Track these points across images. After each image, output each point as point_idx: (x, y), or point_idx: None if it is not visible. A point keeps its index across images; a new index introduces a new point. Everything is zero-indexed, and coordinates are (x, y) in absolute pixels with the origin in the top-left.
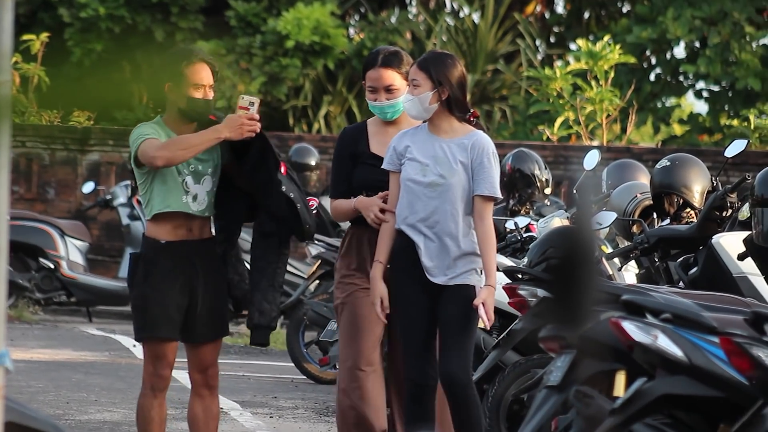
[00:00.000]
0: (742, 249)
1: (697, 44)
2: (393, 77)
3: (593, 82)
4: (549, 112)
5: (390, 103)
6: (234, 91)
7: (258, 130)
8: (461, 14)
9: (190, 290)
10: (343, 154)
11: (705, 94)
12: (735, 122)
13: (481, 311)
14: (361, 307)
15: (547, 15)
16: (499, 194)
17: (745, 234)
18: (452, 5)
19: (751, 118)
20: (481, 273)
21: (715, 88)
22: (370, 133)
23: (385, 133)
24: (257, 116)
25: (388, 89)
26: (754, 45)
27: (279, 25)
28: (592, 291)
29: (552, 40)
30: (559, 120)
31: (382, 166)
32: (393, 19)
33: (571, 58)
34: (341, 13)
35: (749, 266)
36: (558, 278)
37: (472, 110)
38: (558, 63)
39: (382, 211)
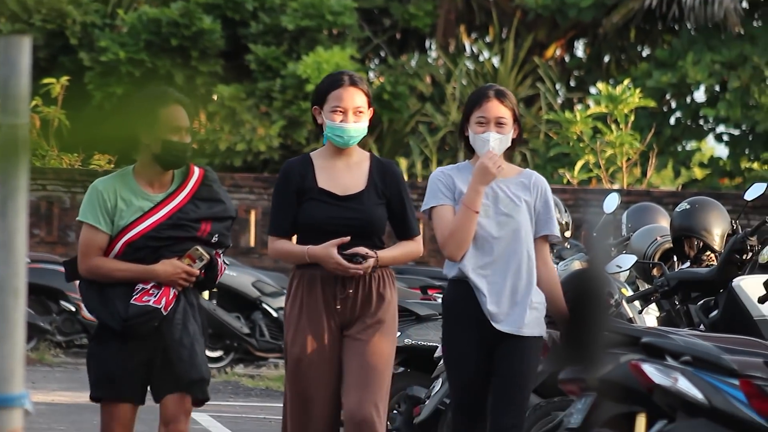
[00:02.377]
0: (763, 292)
1: (717, 88)
2: (362, 99)
3: (613, 126)
4: (569, 155)
5: (356, 127)
6: (254, 135)
7: (189, 284)
8: (481, 58)
9: (151, 347)
10: (289, 189)
11: (725, 137)
12: (755, 165)
13: None
14: (312, 377)
15: (566, 59)
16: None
17: (765, 277)
18: (472, 49)
19: None
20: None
21: (735, 132)
22: (317, 167)
23: (332, 167)
24: (197, 273)
25: (357, 111)
26: None
27: (299, 69)
28: (602, 332)
29: (572, 83)
30: (579, 163)
31: (430, 205)
32: (413, 63)
33: (591, 102)
34: (361, 57)
35: None
36: (569, 320)
37: None
38: (578, 107)
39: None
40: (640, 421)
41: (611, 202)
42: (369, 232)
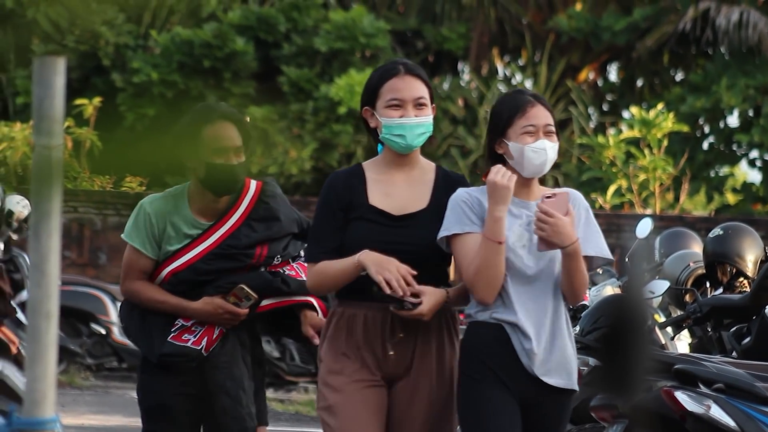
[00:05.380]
0: None
1: (751, 113)
2: (423, 89)
3: (646, 151)
4: (602, 179)
5: (420, 121)
6: (286, 158)
7: (234, 324)
8: (514, 81)
9: (198, 384)
10: (334, 206)
11: (758, 163)
12: None
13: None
14: (358, 410)
15: (600, 83)
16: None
17: None
18: (505, 72)
19: None
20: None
21: None
22: (369, 180)
23: (388, 181)
24: (243, 312)
25: (419, 104)
26: None
27: (331, 91)
28: (643, 360)
29: (605, 107)
30: (612, 188)
31: (453, 231)
32: (445, 86)
33: (624, 126)
34: None
35: None
36: (608, 347)
37: None
38: (611, 131)
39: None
40: None
41: (644, 227)
42: (428, 261)
